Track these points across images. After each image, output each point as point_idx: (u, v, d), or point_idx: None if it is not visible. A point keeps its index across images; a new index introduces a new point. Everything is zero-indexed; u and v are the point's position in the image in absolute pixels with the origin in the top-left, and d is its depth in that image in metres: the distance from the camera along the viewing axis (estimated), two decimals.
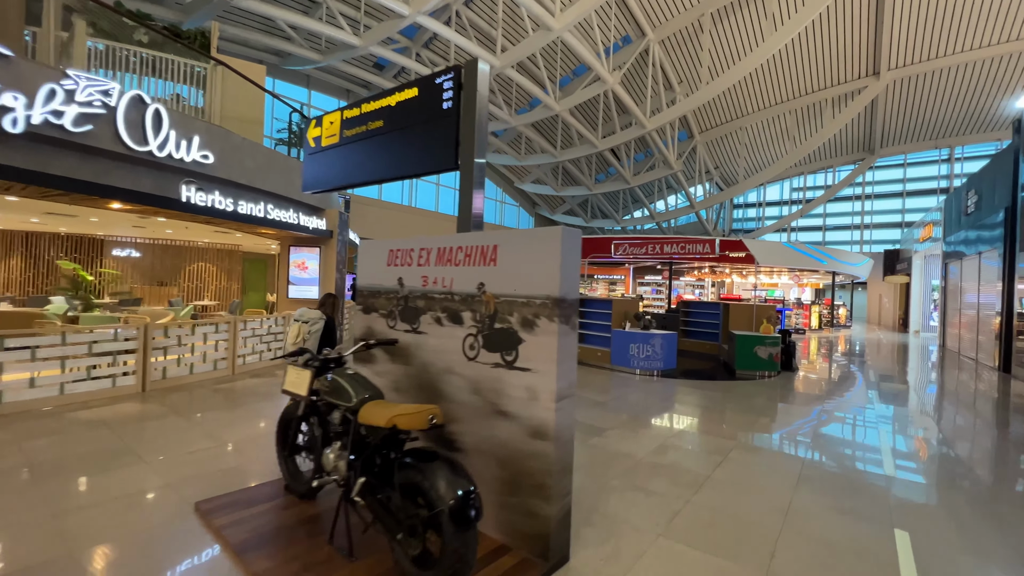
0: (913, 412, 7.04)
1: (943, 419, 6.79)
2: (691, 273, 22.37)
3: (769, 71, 23.39)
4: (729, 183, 32.39)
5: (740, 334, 9.14)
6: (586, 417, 5.69)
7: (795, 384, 8.59)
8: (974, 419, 6.79)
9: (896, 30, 20.90)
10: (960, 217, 14.83)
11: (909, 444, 5.52)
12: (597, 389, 7.47)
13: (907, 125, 27.74)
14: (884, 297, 27.40)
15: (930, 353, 14.05)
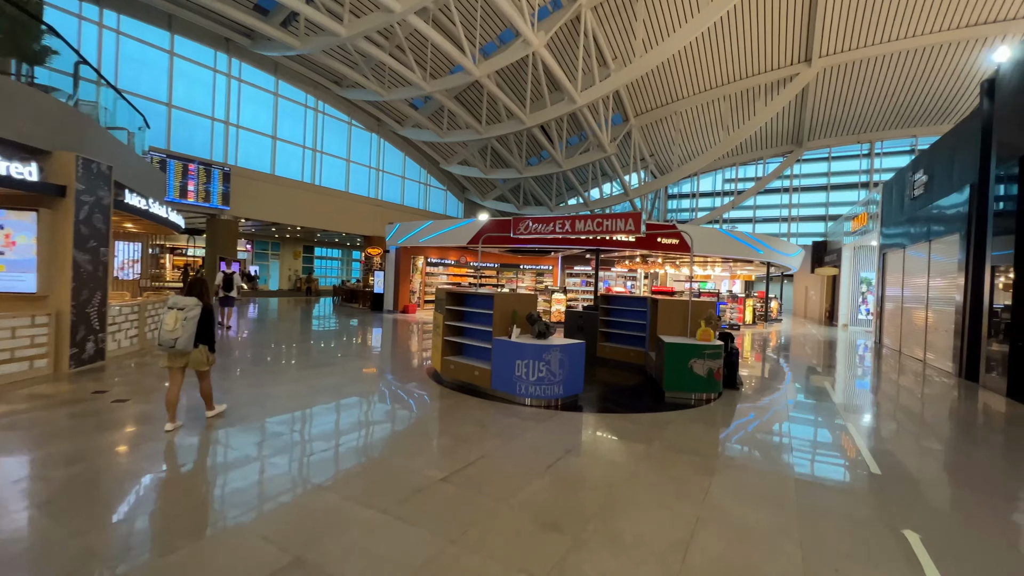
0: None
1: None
2: (621, 263, 20.03)
3: (703, 52, 21.40)
4: (664, 172, 30.57)
5: (671, 342, 6.46)
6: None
7: (747, 419, 6.00)
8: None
9: (830, 15, 19.41)
10: (904, 203, 13.13)
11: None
12: (411, 447, 4.49)
13: (833, 118, 26.84)
14: (811, 290, 26.52)
15: (897, 366, 12.16)
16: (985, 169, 8.83)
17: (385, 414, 5.33)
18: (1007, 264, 7.82)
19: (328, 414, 5.18)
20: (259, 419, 4.84)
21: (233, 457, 3.85)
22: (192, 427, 4.47)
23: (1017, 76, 7.99)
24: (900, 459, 4.54)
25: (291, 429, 4.61)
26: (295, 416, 5.04)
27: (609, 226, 8.05)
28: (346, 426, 4.82)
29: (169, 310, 4.22)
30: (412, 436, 4.55)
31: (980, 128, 8.94)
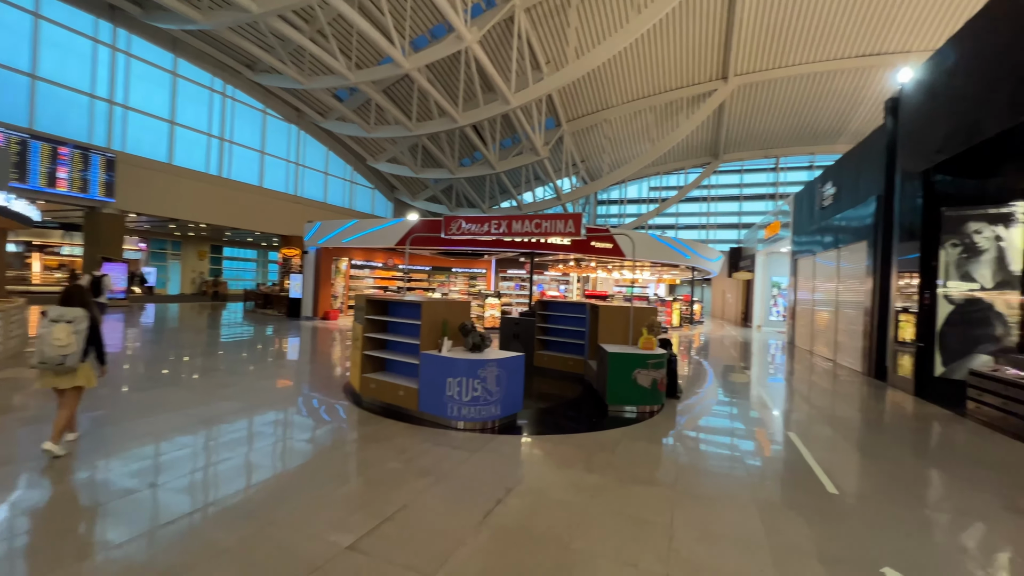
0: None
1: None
2: (555, 267, 19.84)
3: (631, 63, 21.90)
4: (594, 177, 31.11)
5: (614, 352, 6.02)
6: None
7: (693, 434, 5.67)
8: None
9: (744, 36, 20.58)
10: (814, 213, 13.97)
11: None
12: (314, 500, 3.64)
13: (746, 133, 28.71)
14: (728, 293, 28.09)
15: (813, 367, 12.74)
16: (890, 181, 9.41)
17: (284, 452, 4.33)
18: (911, 270, 8.30)
19: (202, 456, 4.10)
20: (101, 463, 3.68)
21: (35, 527, 2.75)
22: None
23: (919, 96, 8.53)
24: (847, 473, 4.35)
25: (144, 481, 3.51)
26: (157, 461, 3.92)
27: (548, 227, 7.53)
28: (226, 474, 3.79)
29: (54, 323, 3.77)
30: (316, 482, 3.64)
31: (885, 144, 9.51)
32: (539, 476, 3.93)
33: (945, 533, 3.29)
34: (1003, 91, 6.53)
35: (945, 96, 7.77)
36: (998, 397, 6.24)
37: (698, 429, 5.60)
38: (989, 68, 6.88)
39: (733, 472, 4.19)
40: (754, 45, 21.00)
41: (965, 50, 7.49)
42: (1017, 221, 7.29)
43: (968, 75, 7.36)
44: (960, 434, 5.83)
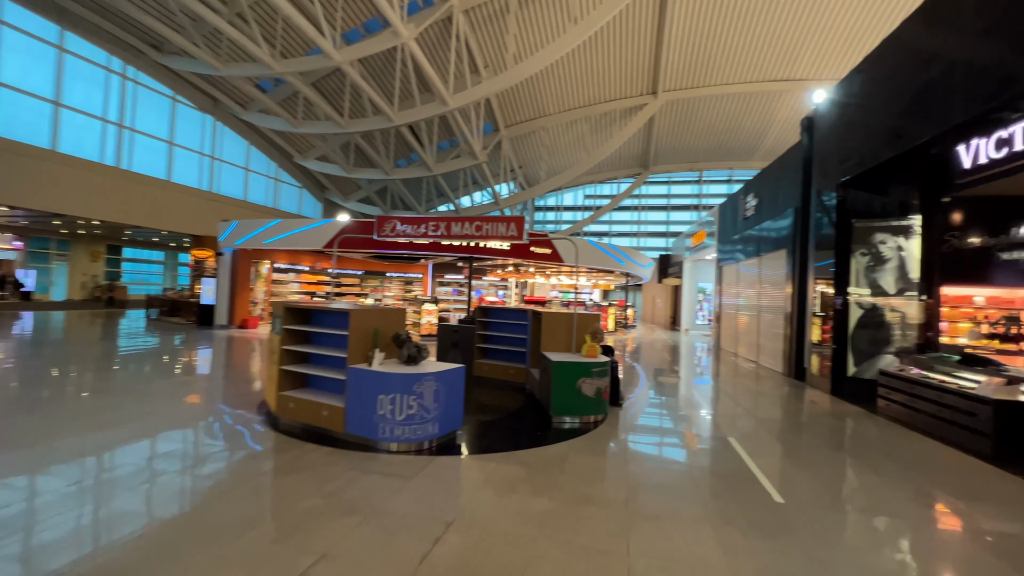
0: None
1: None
2: (494, 272, 19.56)
3: (568, 73, 22.22)
4: (532, 184, 31.29)
5: (558, 361, 5.77)
6: None
7: (639, 445, 5.53)
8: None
9: (672, 55, 21.55)
10: (737, 223, 14.77)
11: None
12: (208, 555, 3.05)
13: (673, 146, 30.20)
14: (658, 298, 29.28)
15: (739, 369, 13.24)
16: (806, 195, 10.05)
17: (173, 494, 3.59)
18: (826, 277, 8.86)
19: (59, 507, 3.28)
20: None
21: None
22: None
23: (829, 118, 9.18)
24: (787, 479, 4.36)
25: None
26: (8, 512, 3.07)
27: (489, 230, 7.17)
28: (88, 529, 3.03)
29: None
30: (212, 533, 2.99)
31: (801, 160, 10.16)
32: (482, 504, 3.52)
33: (891, 544, 3.30)
34: (887, 124, 7.22)
35: (849, 121, 8.41)
36: (903, 395, 6.71)
37: (642, 439, 5.46)
38: (878, 102, 7.57)
39: (683, 485, 4.04)
40: (680, 64, 22.08)
41: (862, 83, 8.16)
42: (915, 233, 7.97)
43: (863, 107, 8.03)
44: (873, 430, 6.17)
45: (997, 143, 5.18)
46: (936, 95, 6.31)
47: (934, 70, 6.41)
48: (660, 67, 22.10)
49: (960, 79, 5.91)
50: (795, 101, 23.12)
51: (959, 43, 6.07)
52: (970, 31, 5.90)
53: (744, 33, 19.77)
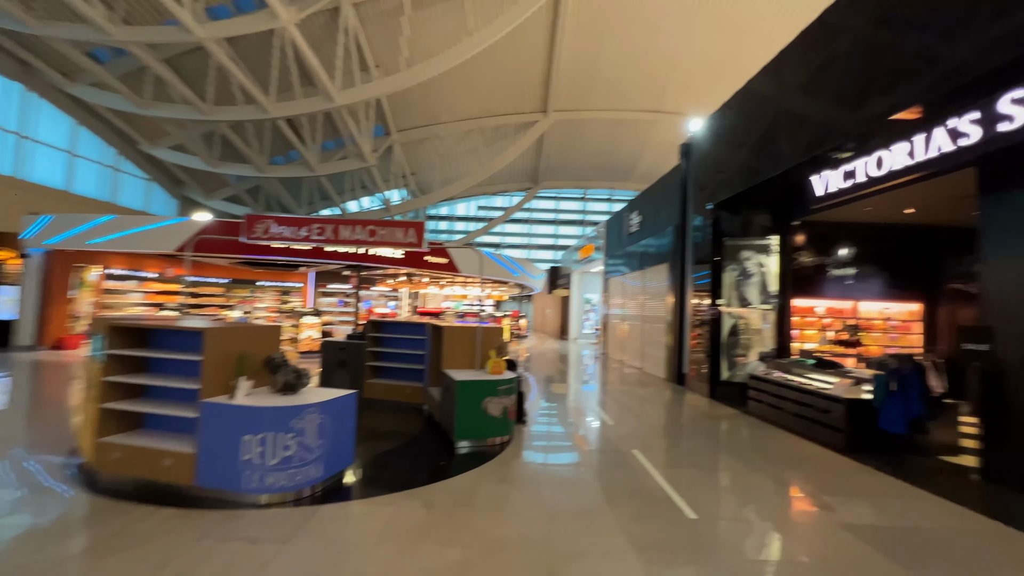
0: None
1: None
2: (384, 281, 18.36)
3: (463, 83, 22.04)
4: (425, 192, 30.44)
5: (463, 380, 5.28)
6: None
7: (550, 467, 5.25)
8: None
9: (561, 77, 22.54)
10: (622, 238, 15.69)
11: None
12: None
13: (561, 164, 31.67)
14: (548, 309, 30.20)
15: (625, 376, 13.78)
16: (684, 214, 10.93)
17: None
18: (702, 289, 9.65)
19: None
20: None
21: None
22: None
23: (701, 147, 10.09)
24: (694, 492, 4.39)
25: None
26: None
27: (385, 236, 6.42)
28: None
29: None
30: None
31: (680, 182, 11.06)
32: (383, 567, 2.88)
33: (794, 549, 3.38)
34: (743, 159, 8.20)
35: (717, 151, 9.36)
36: (770, 396, 7.43)
37: (551, 459, 5.20)
38: (736, 139, 8.60)
39: (601, 510, 3.80)
40: (568, 86, 23.20)
41: (725, 121, 9.18)
42: (773, 251, 9.03)
43: (726, 141, 9.02)
44: (750, 431, 6.69)
45: (844, 175, 5.97)
46: (775, 140, 7.31)
47: (774, 118, 7.43)
48: (550, 87, 23.00)
49: (791, 127, 6.94)
50: (665, 131, 25.60)
51: (790, 97, 7.10)
52: (796, 87, 6.91)
53: (622, 66, 21.42)
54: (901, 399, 5.35)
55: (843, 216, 8.46)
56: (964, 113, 4.44)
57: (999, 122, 4.12)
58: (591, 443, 5.88)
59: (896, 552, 3.26)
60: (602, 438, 6.13)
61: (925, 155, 4.89)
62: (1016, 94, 4.03)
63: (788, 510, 4.00)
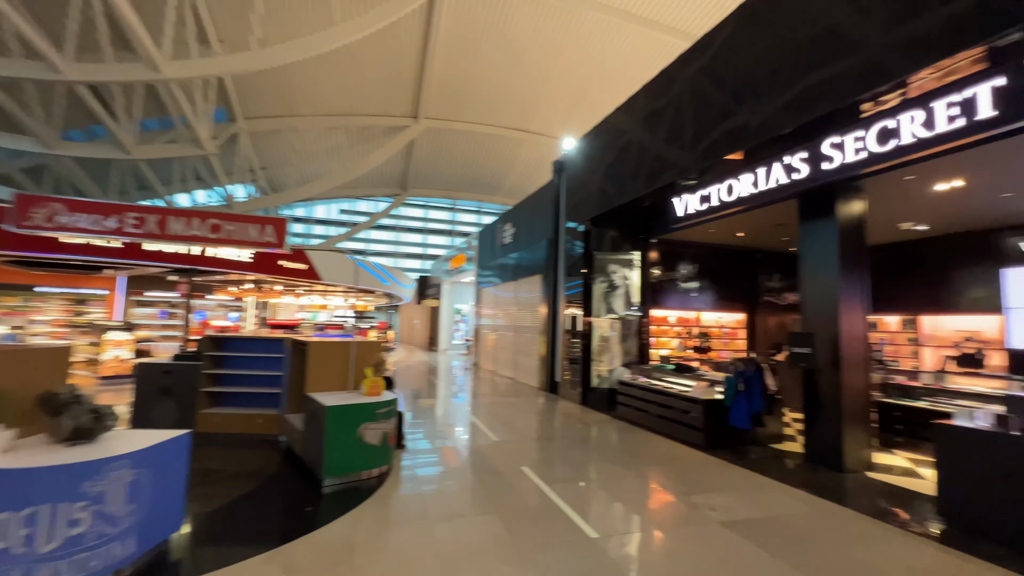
0: None
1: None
2: (225, 289, 15.60)
3: (328, 76, 20.29)
4: (277, 190, 27.14)
5: (335, 406, 4.47)
6: None
7: (438, 492, 4.72)
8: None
9: (433, 85, 22.20)
10: (495, 248, 15.78)
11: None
12: None
13: (431, 172, 31.11)
14: (416, 319, 29.14)
15: (499, 386, 13.62)
16: (557, 228, 11.34)
17: None
18: (574, 300, 10.05)
19: None
20: None
21: None
22: None
23: (577, 163, 10.58)
24: (586, 504, 4.30)
25: None
26: None
27: (235, 233, 5.20)
28: None
29: None
30: None
31: (553, 197, 11.47)
32: None
33: (692, 553, 3.42)
34: (605, 183, 8.93)
35: (587, 172, 9.94)
36: (637, 400, 7.93)
37: (441, 488, 4.68)
38: (600, 164, 9.34)
39: (504, 545, 3.43)
40: (440, 95, 22.90)
41: (592, 145, 9.86)
42: (636, 266, 9.80)
43: (593, 165, 9.66)
44: (623, 435, 7.01)
45: (701, 198, 6.67)
46: (624, 170, 8.14)
47: (624, 151, 8.26)
48: (422, 94, 22.42)
49: (638, 160, 7.83)
50: (532, 149, 26.87)
51: (637, 134, 7.99)
52: (642, 126, 7.79)
53: (493, 84, 21.87)
54: (747, 397, 6.07)
55: (690, 236, 9.58)
56: (796, 152, 5.23)
57: (823, 161, 4.91)
58: (479, 463, 5.49)
59: (771, 544, 3.51)
60: (489, 456, 5.79)
61: (766, 185, 5.65)
62: (835, 139, 4.85)
63: (675, 516, 4.12)
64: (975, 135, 3.77)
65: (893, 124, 4.24)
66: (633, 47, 18.76)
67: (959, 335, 8.07)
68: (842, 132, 4.72)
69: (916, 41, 4.08)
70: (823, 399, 5.56)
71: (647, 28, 17.60)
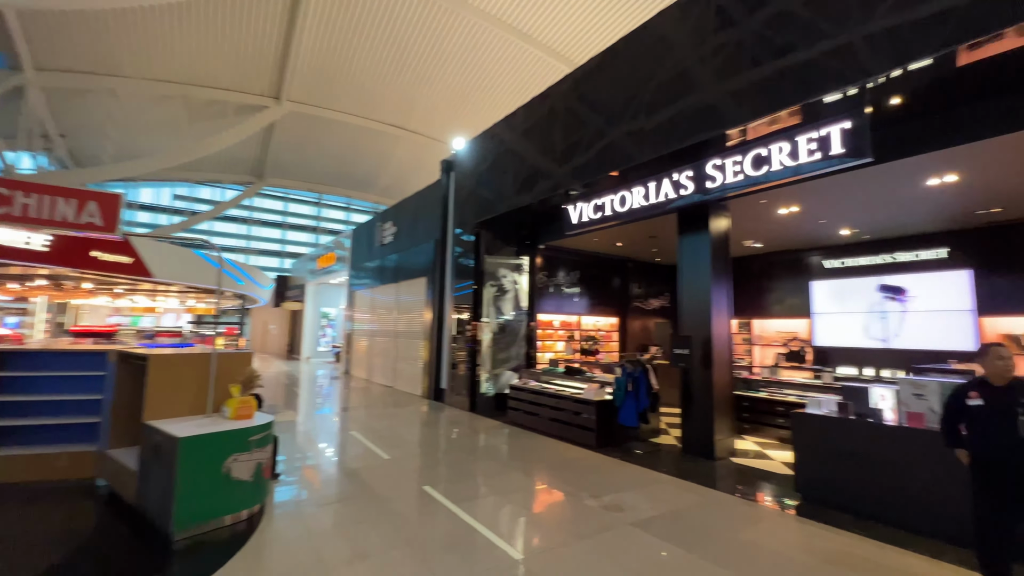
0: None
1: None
2: (2, 286, 11.70)
3: (166, 32, 16.88)
4: (84, 164, 21.77)
5: (191, 436, 3.49)
6: None
7: (330, 531, 4.00)
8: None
9: (301, 66, 20.09)
10: (372, 248, 14.69)
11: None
12: None
13: (294, 161, 28.00)
14: (272, 324, 25.80)
15: (381, 397, 12.58)
16: (445, 229, 10.92)
17: None
18: (464, 304, 9.76)
19: None
20: None
21: None
22: None
23: (467, 166, 10.31)
24: (502, 521, 4.04)
25: None
26: None
27: (34, 208, 3.68)
28: None
29: None
30: None
31: (442, 197, 11.03)
32: None
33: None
34: (490, 190, 9.02)
35: (476, 176, 9.77)
36: (530, 404, 7.92)
37: (333, 524, 3.97)
38: (484, 171, 9.42)
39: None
40: (311, 78, 20.74)
41: (478, 151, 9.78)
42: (524, 271, 9.89)
43: (481, 170, 9.61)
44: (519, 440, 6.92)
45: (595, 207, 6.93)
46: (509, 179, 8.36)
47: (504, 161, 8.49)
48: (287, 73, 20.03)
49: (516, 172, 8.12)
50: (410, 148, 25.86)
51: (517, 147, 8.27)
52: (521, 142, 8.11)
53: (372, 76, 20.53)
54: (635, 397, 6.43)
55: (575, 244, 10.01)
56: (683, 170, 5.70)
57: (706, 180, 5.43)
58: (374, 487, 4.84)
59: (681, 539, 3.65)
60: (384, 478, 5.16)
61: (656, 199, 6.07)
62: (716, 161, 5.38)
63: (591, 523, 4.07)
64: (829, 168, 4.48)
65: (765, 152, 4.86)
66: (515, 61, 19.25)
67: (783, 336, 9.76)
68: (723, 155, 5.27)
69: (742, 93, 4.88)
70: (698, 395, 6.14)
71: (529, 45, 18.19)
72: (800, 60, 4.46)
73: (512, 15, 17.12)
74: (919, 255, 8.23)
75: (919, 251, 8.23)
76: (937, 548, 3.50)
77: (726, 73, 5.07)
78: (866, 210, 7.02)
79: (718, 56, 5.16)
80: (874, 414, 4.27)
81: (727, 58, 5.08)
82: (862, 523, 3.98)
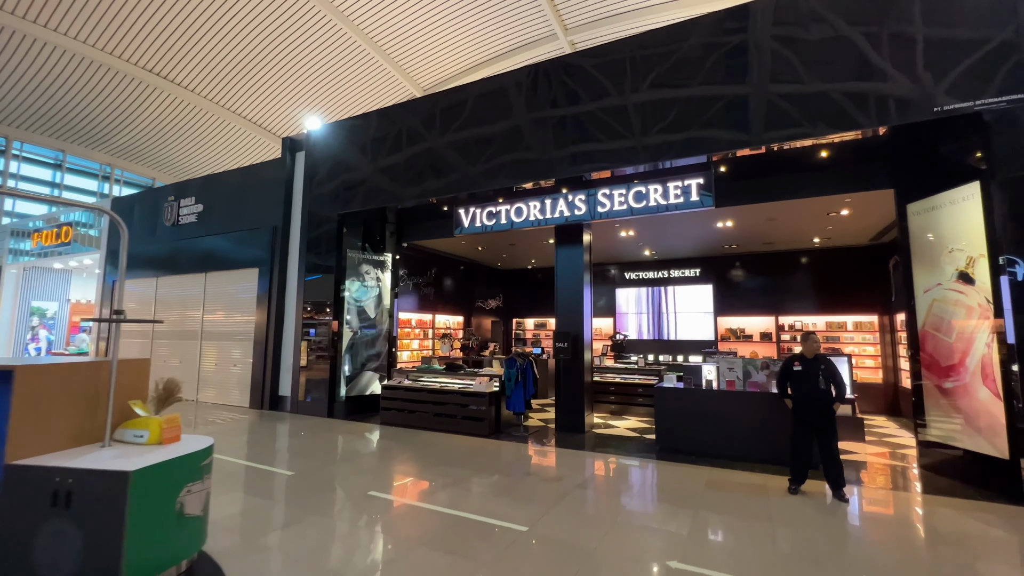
0: None
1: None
2: None
3: None
4: None
5: (143, 469, 2.61)
6: None
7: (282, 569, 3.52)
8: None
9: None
10: (158, 229, 11.57)
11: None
12: None
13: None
14: None
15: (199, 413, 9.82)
16: (288, 215, 9.61)
17: None
18: (319, 301, 8.86)
19: None
20: None
21: None
22: None
23: (327, 150, 9.26)
24: (469, 519, 4.28)
25: None
26: None
27: None
28: None
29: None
30: None
31: (285, 179, 9.66)
32: None
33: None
34: (344, 187, 8.81)
35: (342, 164, 9.03)
36: (406, 402, 7.87)
37: (277, 562, 3.48)
38: (342, 165, 9.01)
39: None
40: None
41: (337, 137, 9.12)
42: (389, 268, 9.59)
43: (333, 160, 9.09)
44: (406, 439, 6.88)
45: (488, 214, 7.48)
46: (354, 190, 8.48)
47: (354, 173, 8.61)
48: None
49: (367, 184, 8.41)
50: (167, 105, 19.79)
51: (418, 133, 8.36)
52: (421, 122, 8.26)
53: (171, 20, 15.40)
54: (523, 386, 7.25)
55: (437, 245, 10.27)
56: (577, 193, 6.83)
57: (598, 205, 6.67)
58: (310, 505, 4.28)
59: (612, 488, 4.61)
60: (317, 493, 4.58)
61: (551, 215, 7.05)
62: (605, 191, 6.68)
63: (548, 497, 4.63)
64: (686, 209, 6.23)
65: (644, 190, 6.36)
66: (359, 67, 17.57)
67: (607, 332, 12.11)
68: (611, 187, 6.60)
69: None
70: (572, 382, 7.37)
71: (377, 54, 16.90)
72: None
73: (369, 23, 15.65)
74: (684, 272, 11.59)
75: (684, 269, 11.60)
76: (758, 467, 5.40)
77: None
78: (667, 239, 9.62)
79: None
80: (706, 383, 6.16)
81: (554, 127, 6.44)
82: (707, 459, 5.72)
